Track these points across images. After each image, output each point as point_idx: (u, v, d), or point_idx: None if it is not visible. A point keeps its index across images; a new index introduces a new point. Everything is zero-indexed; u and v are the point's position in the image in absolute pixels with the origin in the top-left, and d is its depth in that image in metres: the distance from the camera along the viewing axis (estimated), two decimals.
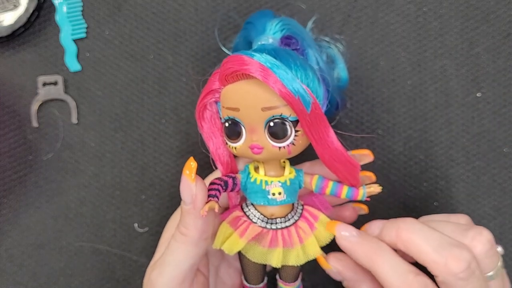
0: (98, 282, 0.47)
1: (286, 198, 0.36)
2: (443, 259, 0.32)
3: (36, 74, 0.46)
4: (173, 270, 0.35)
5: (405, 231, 0.33)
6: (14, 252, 0.46)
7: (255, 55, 0.33)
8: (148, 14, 0.46)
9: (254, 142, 0.34)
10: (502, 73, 0.45)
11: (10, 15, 0.44)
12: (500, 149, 0.46)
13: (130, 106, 0.46)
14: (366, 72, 0.45)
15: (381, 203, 0.46)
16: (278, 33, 0.36)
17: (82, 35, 0.46)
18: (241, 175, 0.37)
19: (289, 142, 0.34)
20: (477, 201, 0.46)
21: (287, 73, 0.32)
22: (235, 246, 0.36)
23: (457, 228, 0.34)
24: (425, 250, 0.32)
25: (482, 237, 0.33)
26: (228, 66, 0.33)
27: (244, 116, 0.34)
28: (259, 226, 0.36)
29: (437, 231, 0.33)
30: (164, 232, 0.41)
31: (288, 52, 0.34)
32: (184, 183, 0.34)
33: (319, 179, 0.37)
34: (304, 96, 0.33)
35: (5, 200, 0.46)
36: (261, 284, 0.40)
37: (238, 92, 0.34)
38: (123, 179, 0.46)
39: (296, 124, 0.34)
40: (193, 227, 0.34)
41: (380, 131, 0.46)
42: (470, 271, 0.31)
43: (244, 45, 0.39)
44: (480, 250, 0.32)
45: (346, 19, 0.45)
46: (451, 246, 0.32)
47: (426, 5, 0.45)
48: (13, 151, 0.46)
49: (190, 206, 0.34)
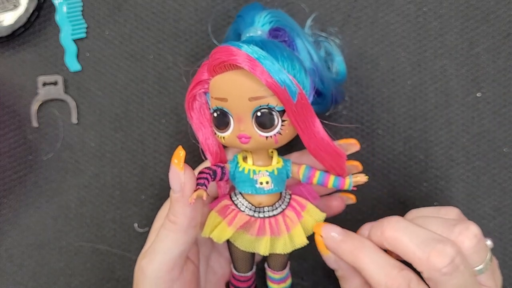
0: (98, 282, 0.47)
1: (274, 187, 0.37)
2: (426, 255, 0.32)
3: (36, 74, 0.46)
4: (162, 258, 0.36)
5: (389, 229, 0.34)
6: (14, 252, 0.46)
7: (242, 46, 0.33)
8: (148, 14, 0.46)
9: (242, 131, 0.35)
10: (502, 73, 0.45)
11: (10, 15, 0.44)
12: (500, 149, 0.46)
13: (130, 106, 0.46)
14: (366, 72, 0.45)
15: (381, 203, 0.46)
16: (266, 25, 0.37)
17: (82, 35, 0.46)
18: (230, 165, 0.38)
19: (276, 131, 0.35)
20: (477, 201, 0.46)
21: (273, 64, 0.33)
22: (224, 235, 0.37)
23: (444, 224, 0.34)
24: (408, 247, 0.33)
25: (469, 232, 0.33)
26: (216, 56, 0.34)
27: (232, 106, 0.35)
28: (247, 215, 0.37)
29: (421, 228, 0.33)
30: (154, 222, 0.41)
31: (275, 43, 0.35)
32: (173, 171, 0.34)
33: (306, 169, 0.38)
34: (290, 86, 0.33)
35: (5, 200, 0.46)
36: (249, 272, 0.40)
37: (226, 83, 0.35)
38: (123, 179, 0.46)
39: (282, 114, 0.34)
40: (182, 215, 0.35)
41: (380, 131, 0.46)
42: (453, 266, 0.31)
43: (234, 37, 0.39)
44: (467, 245, 0.32)
45: (346, 19, 0.45)
46: (434, 242, 0.32)
47: (426, 5, 0.45)
48: (13, 151, 0.46)
49: (179, 194, 0.34)
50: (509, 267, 0.46)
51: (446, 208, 0.36)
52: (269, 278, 0.41)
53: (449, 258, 0.31)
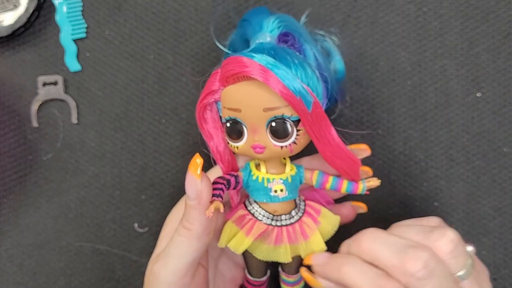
0: (98, 282, 0.47)
1: (288, 194, 0.37)
2: (400, 262, 0.32)
3: (36, 74, 0.46)
4: (176, 263, 0.36)
5: (365, 241, 0.34)
6: (14, 252, 0.46)
7: (255, 56, 0.33)
8: (148, 14, 0.46)
9: (256, 142, 0.35)
10: (502, 73, 0.45)
11: (10, 15, 0.44)
12: (500, 149, 0.46)
13: (130, 106, 0.46)
14: (366, 72, 0.45)
15: (381, 203, 0.46)
16: (275, 31, 0.36)
17: (82, 35, 0.46)
18: (243, 173, 0.37)
19: (291, 141, 0.34)
20: (477, 201, 0.46)
21: (287, 74, 0.33)
22: (242, 245, 0.36)
23: (421, 231, 0.34)
24: (384, 255, 0.33)
25: (445, 238, 0.33)
26: (229, 68, 0.34)
27: (246, 116, 0.34)
28: (264, 224, 0.36)
29: (396, 236, 0.33)
30: (164, 226, 0.41)
31: (287, 50, 0.35)
32: (189, 179, 0.34)
33: (319, 175, 0.38)
34: (306, 96, 0.33)
35: (5, 200, 0.46)
36: (264, 277, 0.40)
37: (239, 93, 0.34)
38: (123, 179, 0.46)
39: (297, 123, 0.34)
40: (197, 222, 0.35)
41: (380, 131, 0.46)
42: (427, 271, 0.31)
43: (240, 43, 0.39)
44: (444, 250, 0.32)
45: (346, 19, 0.45)
46: (407, 248, 0.32)
47: (426, 5, 0.45)
48: (13, 151, 0.46)
49: (195, 201, 0.34)
50: (509, 267, 0.46)
51: (428, 218, 0.36)
52: (283, 281, 0.40)
53: (422, 262, 0.31)
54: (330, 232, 0.38)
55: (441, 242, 0.33)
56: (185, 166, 0.38)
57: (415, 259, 0.31)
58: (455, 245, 0.33)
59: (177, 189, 0.46)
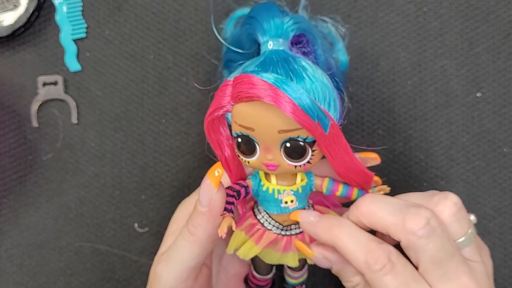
0: (98, 282, 0.47)
1: (298, 205, 0.36)
2: (401, 220, 0.31)
3: (36, 74, 0.46)
4: (178, 267, 0.35)
5: (364, 204, 0.33)
6: (14, 252, 0.46)
7: (269, 78, 0.31)
8: (148, 14, 0.46)
9: (270, 161, 0.34)
10: (502, 73, 0.45)
11: (10, 15, 0.44)
12: (500, 149, 0.46)
13: (130, 106, 0.46)
14: (366, 72, 0.45)
15: None
16: (288, 34, 0.34)
17: (82, 35, 0.46)
18: (252, 182, 0.36)
19: (305, 161, 0.33)
20: (477, 201, 0.46)
21: (305, 98, 0.31)
22: (251, 252, 0.36)
23: (423, 196, 0.33)
24: (383, 216, 0.32)
25: (447, 201, 0.32)
26: (240, 90, 0.31)
27: (259, 136, 0.33)
28: (274, 233, 0.36)
29: (396, 199, 0.33)
30: (170, 224, 0.41)
31: (303, 67, 0.33)
32: (206, 186, 0.33)
33: (330, 183, 0.37)
34: (323, 119, 0.32)
35: (5, 200, 0.46)
36: (270, 274, 0.41)
37: (252, 113, 0.32)
38: (123, 179, 0.46)
39: (313, 144, 0.33)
40: (202, 229, 0.34)
41: (380, 131, 0.46)
42: (430, 228, 0.30)
43: (248, 42, 0.37)
44: (447, 213, 0.32)
45: (346, 19, 0.45)
46: (409, 207, 0.31)
47: (426, 5, 0.45)
48: (13, 151, 0.46)
49: (206, 209, 0.33)
50: (509, 267, 0.46)
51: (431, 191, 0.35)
52: (287, 274, 0.41)
53: (424, 219, 0.30)
54: None
55: (444, 205, 0.32)
56: (185, 166, 0.38)
57: (417, 217, 0.31)
58: (458, 208, 0.32)
59: (177, 189, 0.46)
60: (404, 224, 0.31)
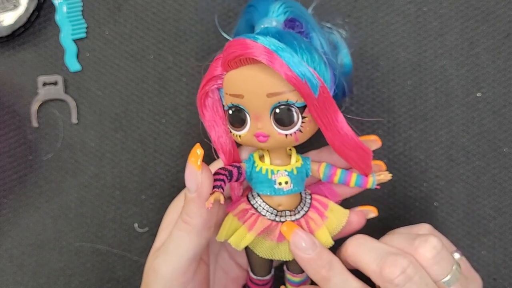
0: (98, 282, 0.47)
1: (293, 187, 0.35)
2: (379, 268, 0.32)
3: (36, 74, 0.46)
4: (176, 259, 0.35)
5: (350, 246, 0.34)
6: (14, 252, 0.46)
7: (258, 38, 0.32)
8: (148, 14, 0.46)
9: (259, 130, 0.33)
10: (502, 73, 0.45)
11: (10, 15, 0.44)
12: (500, 149, 0.46)
13: (130, 106, 0.46)
14: (366, 72, 0.45)
15: (381, 203, 0.46)
16: (281, 16, 0.35)
17: (82, 35, 0.46)
18: (246, 165, 0.36)
19: (296, 129, 0.33)
20: (477, 201, 0.46)
21: (293, 56, 0.31)
22: (243, 241, 0.35)
23: (406, 238, 0.34)
24: (366, 262, 0.33)
25: (427, 244, 0.33)
26: (231, 50, 0.32)
27: (249, 103, 0.33)
28: (268, 219, 0.35)
29: (380, 243, 0.34)
30: (165, 216, 0.40)
31: (293, 34, 0.33)
32: (189, 170, 0.33)
33: (327, 167, 0.37)
34: (311, 80, 0.32)
35: (5, 200, 0.46)
36: (268, 276, 0.39)
37: (241, 78, 0.33)
38: (123, 179, 0.46)
39: (303, 110, 0.33)
40: (197, 216, 0.34)
41: (380, 131, 0.46)
42: (405, 276, 0.32)
43: (246, 29, 0.37)
44: (427, 257, 0.33)
45: (346, 19, 0.45)
46: (388, 255, 0.33)
47: (426, 5, 0.45)
48: (13, 151, 0.46)
49: (195, 194, 0.33)
50: (509, 267, 0.46)
51: (418, 226, 0.37)
52: (288, 281, 0.39)
53: (400, 268, 0.32)
54: (338, 227, 0.36)
55: (423, 249, 0.33)
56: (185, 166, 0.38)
57: (393, 266, 0.32)
58: (437, 251, 0.33)
59: (177, 189, 0.46)
60: (382, 271, 0.32)
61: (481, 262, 0.46)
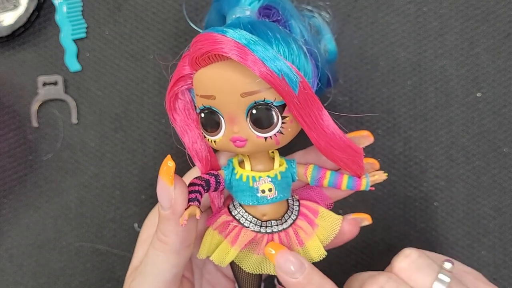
0: (98, 282, 0.47)
1: (278, 194, 0.32)
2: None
3: (36, 74, 0.46)
4: (153, 281, 0.32)
5: None
6: (14, 252, 0.46)
7: (227, 31, 0.28)
8: (148, 14, 0.46)
9: (236, 134, 0.30)
10: (502, 73, 0.45)
11: (10, 15, 0.44)
12: (500, 149, 0.46)
13: (130, 106, 0.46)
14: (366, 72, 0.45)
15: (381, 203, 0.46)
16: (255, 3, 0.31)
17: (82, 35, 0.46)
18: (225, 172, 0.32)
19: (276, 131, 0.30)
20: (477, 201, 0.46)
21: (267, 50, 0.28)
22: (227, 256, 0.32)
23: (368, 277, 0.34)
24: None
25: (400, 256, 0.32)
26: (198, 46, 0.29)
27: (222, 104, 0.29)
28: (252, 231, 0.32)
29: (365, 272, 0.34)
30: (141, 232, 0.38)
31: (267, 24, 0.30)
32: (161, 185, 0.30)
33: (315, 169, 0.33)
34: (290, 75, 0.28)
35: (5, 200, 0.46)
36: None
37: (212, 77, 0.29)
38: (123, 179, 0.46)
39: (283, 109, 0.29)
40: (173, 234, 0.31)
41: (380, 131, 0.46)
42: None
43: (217, 20, 0.34)
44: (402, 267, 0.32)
45: (346, 19, 0.45)
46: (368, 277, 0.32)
47: (426, 5, 0.45)
48: (13, 151, 0.46)
49: (169, 211, 0.30)
50: (509, 267, 0.46)
51: None
52: None
53: (377, 286, 0.31)
54: (330, 236, 0.33)
55: (397, 262, 0.32)
56: (185, 166, 0.38)
57: (371, 284, 0.31)
58: (411, 260, 0.32)
59: None
60: None
61: (481, 262, 0.46)
